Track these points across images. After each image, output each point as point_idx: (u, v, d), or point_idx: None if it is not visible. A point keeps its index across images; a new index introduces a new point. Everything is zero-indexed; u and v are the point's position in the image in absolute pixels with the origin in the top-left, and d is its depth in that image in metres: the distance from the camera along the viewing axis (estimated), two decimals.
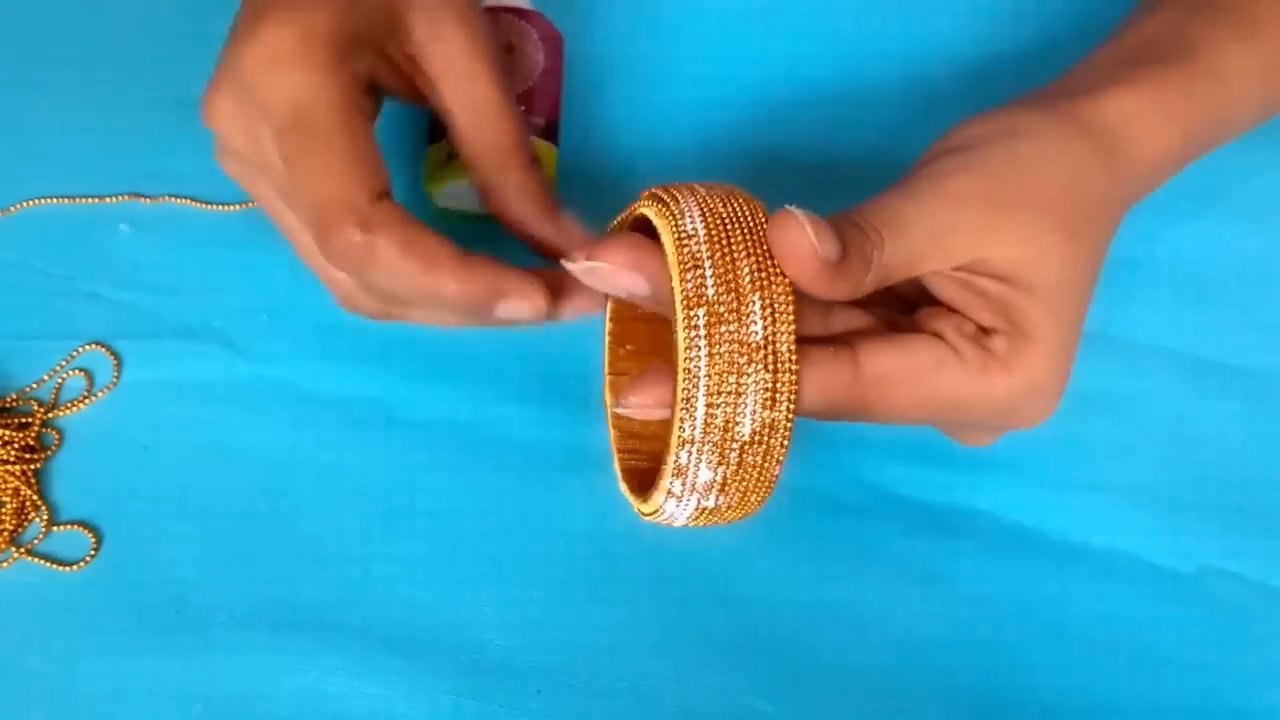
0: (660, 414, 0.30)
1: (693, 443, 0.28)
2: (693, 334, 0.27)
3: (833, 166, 0.48)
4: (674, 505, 0.29)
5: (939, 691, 0.38)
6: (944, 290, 0.32)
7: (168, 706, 0.38)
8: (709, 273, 0.27)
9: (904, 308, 0.33)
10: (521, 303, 0.33)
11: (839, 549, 0.40)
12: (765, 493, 0.30)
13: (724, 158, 0.49)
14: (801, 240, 0.27)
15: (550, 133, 0.44)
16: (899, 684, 0.38)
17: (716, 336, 0.27)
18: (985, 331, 0.31)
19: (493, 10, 0.44)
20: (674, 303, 0.28)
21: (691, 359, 0.27)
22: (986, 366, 0.31)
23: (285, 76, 0.32)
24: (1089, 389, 0.42)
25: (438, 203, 0.43)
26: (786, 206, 0.28)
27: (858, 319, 0.33)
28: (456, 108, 0.36)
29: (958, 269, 0.31)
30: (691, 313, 0.27)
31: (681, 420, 0.28)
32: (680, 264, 0.28)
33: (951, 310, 0.32)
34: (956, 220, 0.30)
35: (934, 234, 0.30)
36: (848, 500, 0.41)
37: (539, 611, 0.40)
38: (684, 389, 0.27)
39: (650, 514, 0.31)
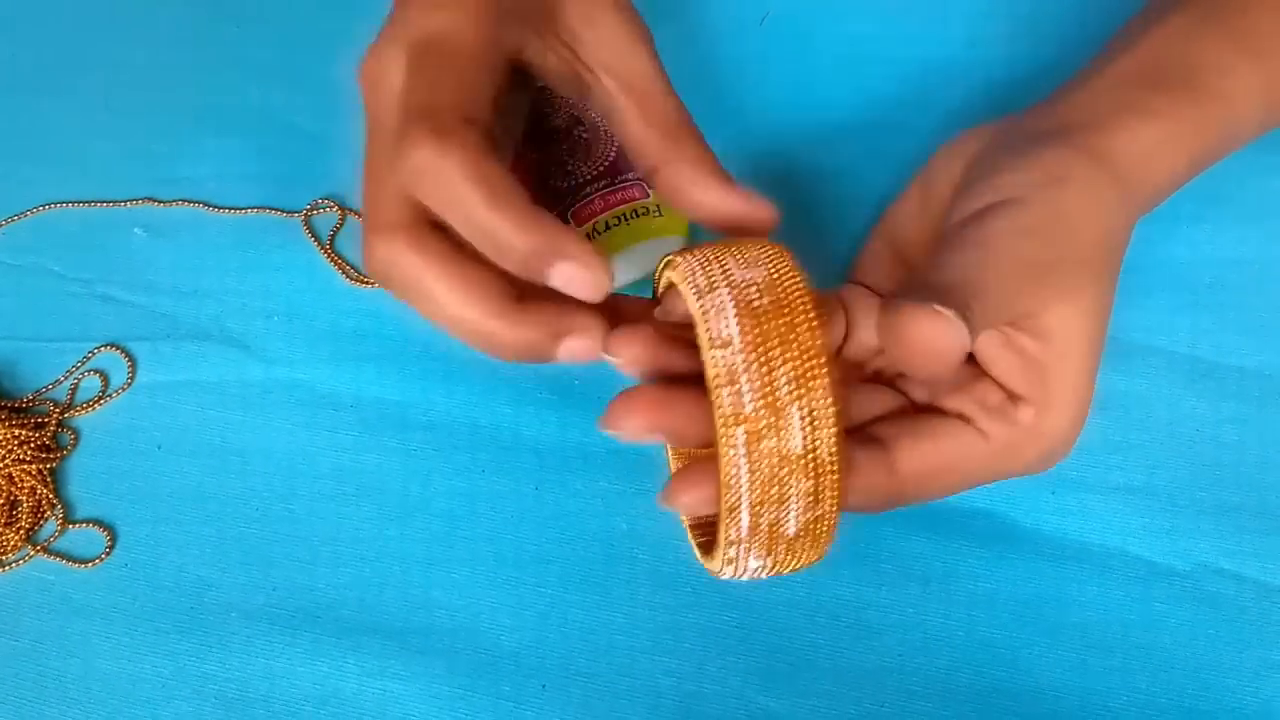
0: (710, 509, 0.29)
1: (739, 542, 0.28)
2: (732, 453, 0.26)
3: (830, 165, 0.49)
4: (730, 574, 0.30)
5: (938, 689, 0.38)
6: (984, 348, 0.33)
7: (181, 701, 0.39)
8: (745, 387, 0.26)
9: None
10: (575, 270, 0.29)
11: (838, 549, 0.40)
12: (818, 558, 0.30)
13: (724, 164, 0.49)
14: (953, 342, 0.28)
15: None
16: (897, 682, 0.38)
17: (757, 454, 0.27)
18: (1012, 399, 0.32)
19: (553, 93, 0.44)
20: (712, 417, 0.27)
21: (732, 475, 0.27)
22: (1013, 443, 0.32)
23: (432, 13, 0.31)
24: None
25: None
26: (935, 306, 0.28)
27: (882, 399, 0.34)
28: (619, 89, 0.33)
29: (1006, 324, 0.32)
30: (729, 431, 0.26)
31: (728, 526, 0.27)
32: (715, 379, 0.26)
33: (976, 376, 0.33)
34: (1022, 284, 0.31)
35: (1006, 300, 0.31)
36: None
37: (547, 609, 0.40)
38: (728, 500, 0.27)
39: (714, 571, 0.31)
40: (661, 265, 0.31)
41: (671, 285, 0.30)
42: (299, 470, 0.43)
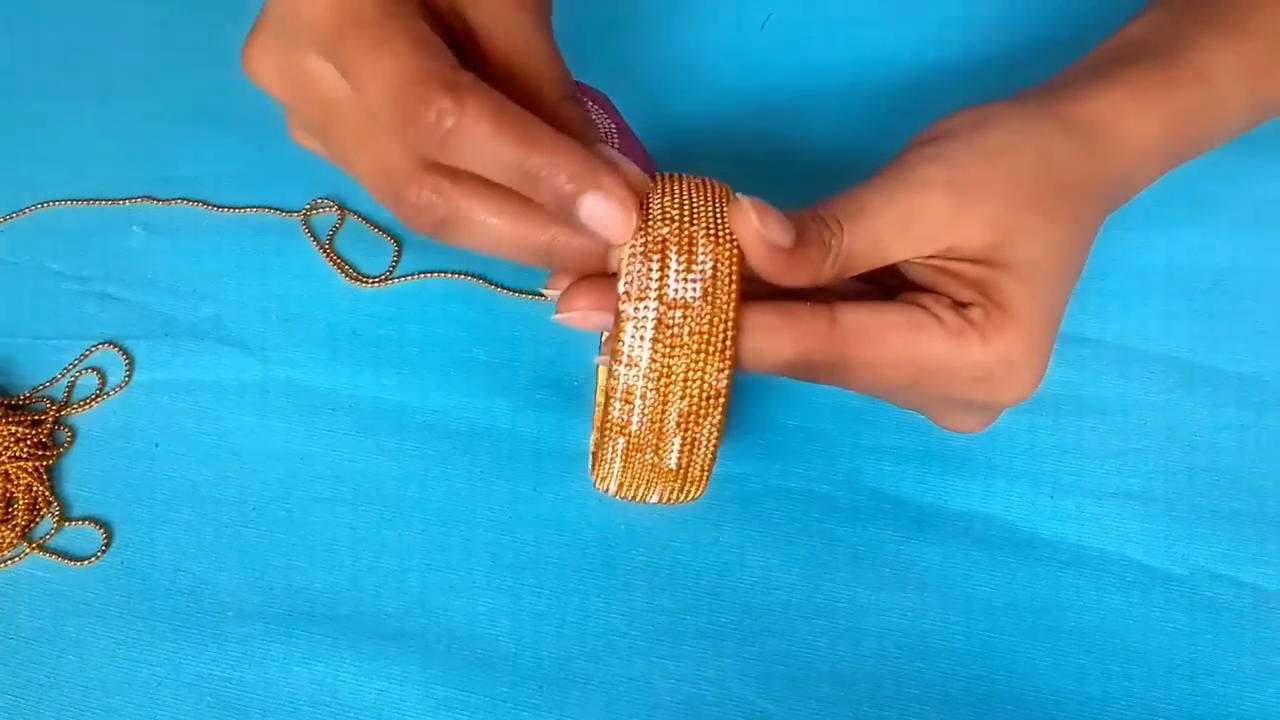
0: (596, 320, 0.31)
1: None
2: (610, 454, 0.30)
3: (828, 167, 0.49)
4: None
5: (936, 694, 0.38)
6: (920, 276, 0.33)
7: (178, 698, 0.39)
8: (638, 407, 0.29)
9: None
10: (611, 203, 0.28)
11: (836, 551, 0.41)
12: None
13: (723, 159, 0.50)
14: (747, 226, 0.28)
15: None
16: (895, 686, 0.38)
17: (636, 463, 0.30)
18: (962, 305, 0.32)
19: None
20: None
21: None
22: (964, 332, 0.31)
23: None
24: (1084, 395, 0.43)
25: None
26: (737, 195, 0.29)
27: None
28: (493, 59, 0.33)
29: (931, 257, 0.32)
30: (612, 437, 0.29)
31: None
32: (611, 391, 0.29)
33: (929, 291, 0.33)
34: (921, 208, 0.31)
35: (898, 222, 0.31)
36: (846, 503, 0.42)
37: (543, 609, 0.40)
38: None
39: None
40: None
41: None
42: (296, 470, 0.43)
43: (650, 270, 0.28)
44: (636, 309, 0.28)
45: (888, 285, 0.34)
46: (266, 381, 0.46)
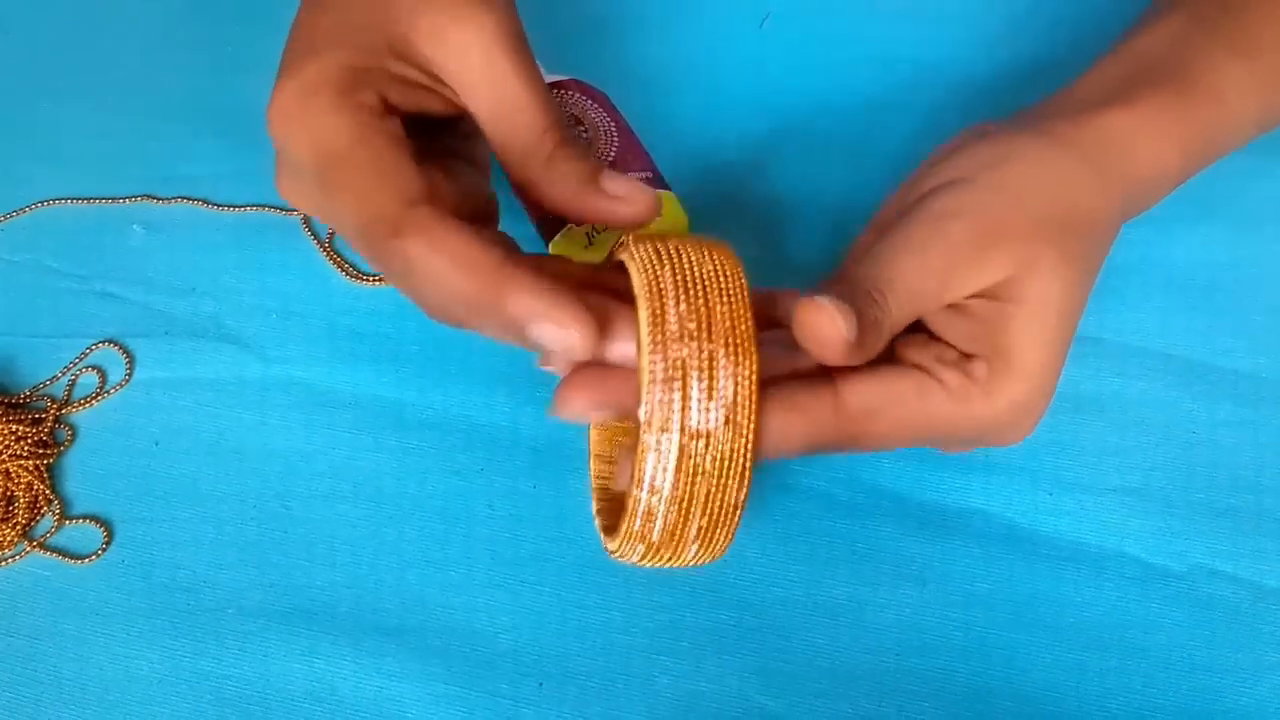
0: (600, 415, 0.31)
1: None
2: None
3: (827, 166, 0.49)
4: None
5: (935, 689, 0.38)
6: (932, 318, 0.33)
7: (178, 696, 0.39)
8: (659, 524, 0.29)
9: None
10: (554, 330, 0.29)
11: (836, 548, 0.41)
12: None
13: (721, 158, 0.50)
14: (833, 330, 0.29)
15: (658, 182, 0.45)
16: (894, 682, 0.38)
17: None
18: (966, 357, 0.32)
19: None
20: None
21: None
22: (968, 392, 0.32)
23: (298, 130, 0.33)
24: (1083, 391, 0.43)
25: None
26: (816, 298, 0.29)
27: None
28: (481, 114, 0.34)
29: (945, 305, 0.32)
30: (633, 544, 0.30)
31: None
32: (632, 511, 0.29)
33: (932, 338, 0.33)
34: (956, 264, 0.31)
35: (938, 288, 0.31)
36: (845, 500, 0.42)
37: (543, 607, 0.40)
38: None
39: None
40: (638, 289, 0.29)
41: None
42: (296, 468, 0.43)
43: (671, 400, 0.28)
44: (659, 441, 0.28)
45: None
46: (266, 379, 0.46)
